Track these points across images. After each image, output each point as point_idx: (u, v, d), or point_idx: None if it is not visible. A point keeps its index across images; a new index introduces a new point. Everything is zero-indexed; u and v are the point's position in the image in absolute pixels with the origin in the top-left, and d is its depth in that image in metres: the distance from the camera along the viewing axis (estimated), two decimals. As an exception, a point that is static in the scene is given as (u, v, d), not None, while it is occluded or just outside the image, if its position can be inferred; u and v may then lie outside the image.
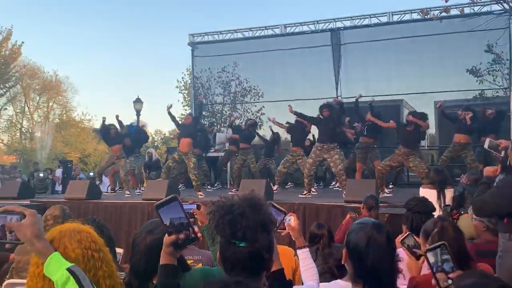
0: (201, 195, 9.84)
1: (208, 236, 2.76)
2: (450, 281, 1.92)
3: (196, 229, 1.81)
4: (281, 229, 2.68)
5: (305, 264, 2.70)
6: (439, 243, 2.06)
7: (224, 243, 1.66)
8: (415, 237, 2.85)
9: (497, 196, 3.62)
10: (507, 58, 12.24)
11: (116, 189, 11.64)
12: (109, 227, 3.25)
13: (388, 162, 8.98)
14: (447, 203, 5.61)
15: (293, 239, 2.76)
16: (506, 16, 11.60)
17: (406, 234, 2.87)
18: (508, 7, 11.37)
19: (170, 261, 1.81)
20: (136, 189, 11.28)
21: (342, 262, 2.10)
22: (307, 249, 2.77)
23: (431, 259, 2.00)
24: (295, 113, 9.85)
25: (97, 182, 11.02)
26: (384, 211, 6.63)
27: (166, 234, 1.79)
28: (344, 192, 8.66)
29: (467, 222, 4.35)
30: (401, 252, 2.99)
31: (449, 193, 5.70)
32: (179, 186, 11.38)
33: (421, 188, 6.19)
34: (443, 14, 10.86)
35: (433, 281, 1.98)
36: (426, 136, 13.80)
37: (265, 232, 1.65)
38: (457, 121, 9.34)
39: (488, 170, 4.00)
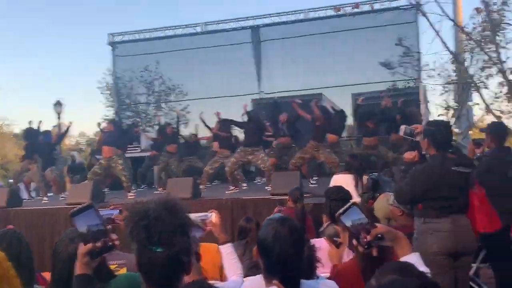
0: (131, 196, 9.67)
1: None
2: (369, 238, 1.84)
3: (114, 236, 1.75)
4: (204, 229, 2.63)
5: (228, 259, 2.68)
6: (348, 204, 1.94)
7: (140, 249, 1.58)
8: (335, 226, 2.89)
9: (410, 184, 3.81)
10: (416, 50, 12.95)
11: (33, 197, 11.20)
12: (27, 243, 3.06)
13: (299, 155, 9.31)
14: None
15: (216, 235, 2.73)
16: (413, 11, 12.32)
17: (325, 225, 2.96)
18: (415, 2, 12.12)
19: (85, 271, 1.72)
20: (61, 194, 10.91)
21: (254, 259, 2.15)
22: (230, 244, 2.75)
23: (347, 222, 1.90)
24: (224, 120, 10.32)
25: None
26: (308, 201, 6.71)
27: (82, 243, 1.73)
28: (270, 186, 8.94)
29: (382, 202, 4.41)
30: (321, 241, 3.13)
31: (364, 180, 5.79)
32: (104, 190, 11.11)
33: (334, 176, 6.40)
34: (355, 10, 11.38)
35: (354, 242, 1.90)
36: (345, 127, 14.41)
37: (183, 235, 1.60)
38: (363, 127, 9.97)
39: (407, 157, 4.10)
